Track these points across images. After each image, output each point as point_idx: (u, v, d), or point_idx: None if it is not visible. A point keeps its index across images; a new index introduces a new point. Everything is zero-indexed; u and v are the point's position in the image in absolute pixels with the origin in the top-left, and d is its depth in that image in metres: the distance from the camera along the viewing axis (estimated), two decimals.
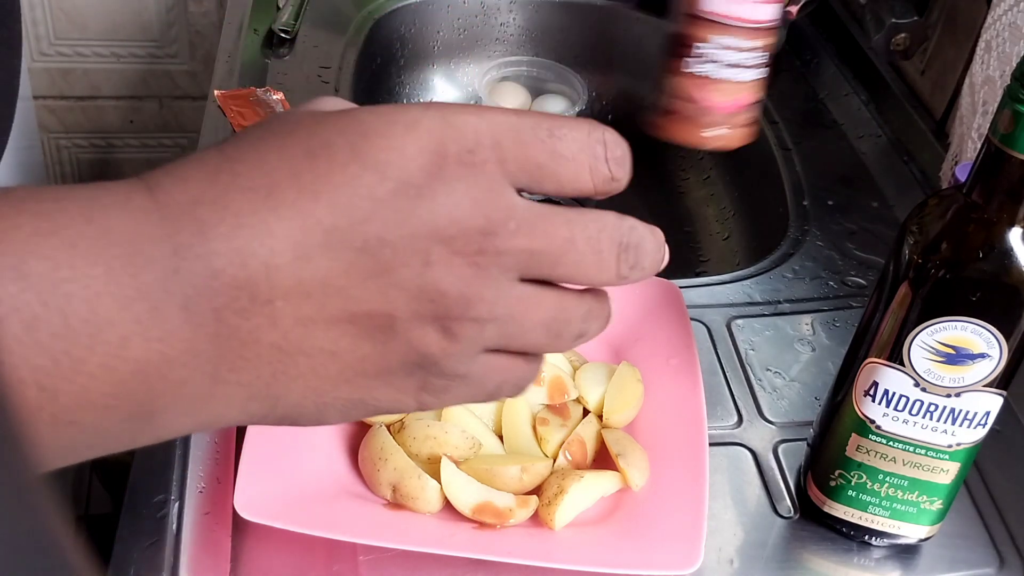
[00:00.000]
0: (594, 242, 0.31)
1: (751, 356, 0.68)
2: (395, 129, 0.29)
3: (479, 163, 0.30)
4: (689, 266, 0.94)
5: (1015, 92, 0.43)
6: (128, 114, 1.42)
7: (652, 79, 1.11)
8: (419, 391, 0.32)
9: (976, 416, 0.50)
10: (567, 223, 0.31)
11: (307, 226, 0.28)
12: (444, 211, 0.29)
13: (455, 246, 0.29)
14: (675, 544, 0.51)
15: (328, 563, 0.52)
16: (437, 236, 0.29)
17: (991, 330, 0.47)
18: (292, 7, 0.99)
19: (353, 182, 0.29)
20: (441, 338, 0.30)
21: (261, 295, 0.28)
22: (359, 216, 0.28)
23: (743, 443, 0.62)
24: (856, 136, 0.94)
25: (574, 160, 0.31)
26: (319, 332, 0.29)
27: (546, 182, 0.31)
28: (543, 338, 0.32)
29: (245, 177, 0.28)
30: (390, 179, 0.29)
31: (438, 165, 0.29)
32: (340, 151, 0.29)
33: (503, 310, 0.31)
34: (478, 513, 0.53)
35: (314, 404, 0.31)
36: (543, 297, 0.32)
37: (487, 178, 0.30)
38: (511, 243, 0.30)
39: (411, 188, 0.29)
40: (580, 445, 0.57)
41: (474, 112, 0.30)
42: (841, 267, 0.78)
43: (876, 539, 0.56)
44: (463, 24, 1.11)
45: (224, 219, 0.28)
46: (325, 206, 0.28)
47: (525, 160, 0.30)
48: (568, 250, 0.31)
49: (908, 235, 0.48)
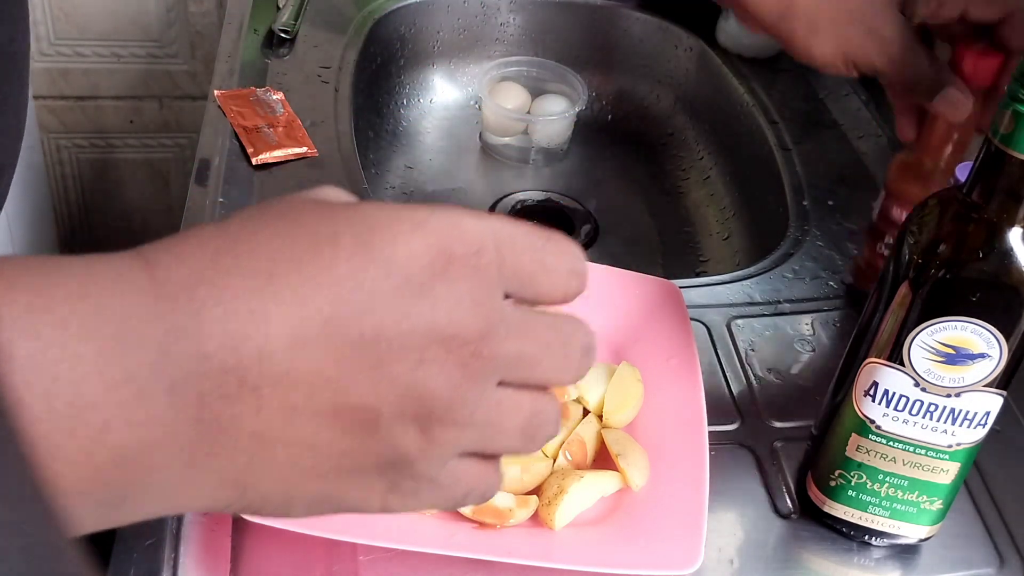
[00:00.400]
0: (567, 347, 0.33)
1: (751, 356, 0.68)
2: (402, 226, 0.29)
3: (484, 266, 0.30)
4: (689, 266, 0.94)
5: (1015, 92, 0.43)
6: (128, 114, 1.42)
7: (651, 79, 1.11)
8: (387, 492, 0.32)
9: (976, 416, 0.50)
10: (547, 328, 0.32)
11: (306, 315, 0.28)
12: (445, 310, 0.29)
13: (451, 346, 0.29)
14: (675, 544, 0.51)
15: (328, 563, 0.52)
16: (435, 335, 0.29)
17: (991, 330, 0.47)
18: (292, 7, 0.99)
19: (357, 275, 0.28)
20: (420, 439, 0.30)
21: (249, 381, 0.28)
22: (359, 308, 0.28)
23: (743, 443, 0.62)
24: (856, 136, 0.94)
25: (556, 272, 0.32)
26: (302, 422, 0.29)
27: (529, 290, 0.32)
28: (517, 442, 0.33)
29: (248, 260, 0.28)
30: (394, 275, 0.29)
31: (443, 265, 0.29)
32: (346, 243, 0.29)
33: (483, 415, 0.31)
34: (478, 513, 0.53)
35: (282, 496, 0.30)
36: (521, 400, 0.32)
37: (488, 282, 0.30)
38: (503, 347, 0.31)
39: (414, 285, 0.29)
40: (580, 445, 0.57)
41: (478, 217, 0.31)
42: (841, 267, 0.78)
43: (876, 539, 0.56)
44: (463, 24, 1.11)
45: (222, 301, 0.27)
46: (327, 296, 0.28)
47: (519, 267, 0.31)
48: (547, 355, 0.32)
49: (908, 235, 0.48)
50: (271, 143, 0.82)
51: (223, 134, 0.83)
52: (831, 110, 0.98)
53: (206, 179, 0.79)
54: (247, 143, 0.82)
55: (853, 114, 0.97)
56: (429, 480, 0.32)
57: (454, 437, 0.31)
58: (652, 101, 1.12)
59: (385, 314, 0.29)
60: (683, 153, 1.07)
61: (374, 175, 0.98)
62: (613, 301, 0.67)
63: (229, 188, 0.78)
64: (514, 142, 1.04)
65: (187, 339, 0.27)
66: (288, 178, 0.80)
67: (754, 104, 0.97)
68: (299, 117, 0.86)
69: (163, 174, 1.49)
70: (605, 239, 0.97)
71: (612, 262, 0.76)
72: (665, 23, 1.09)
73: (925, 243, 0.47)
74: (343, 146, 0.85)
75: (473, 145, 1.07)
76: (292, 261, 0.28)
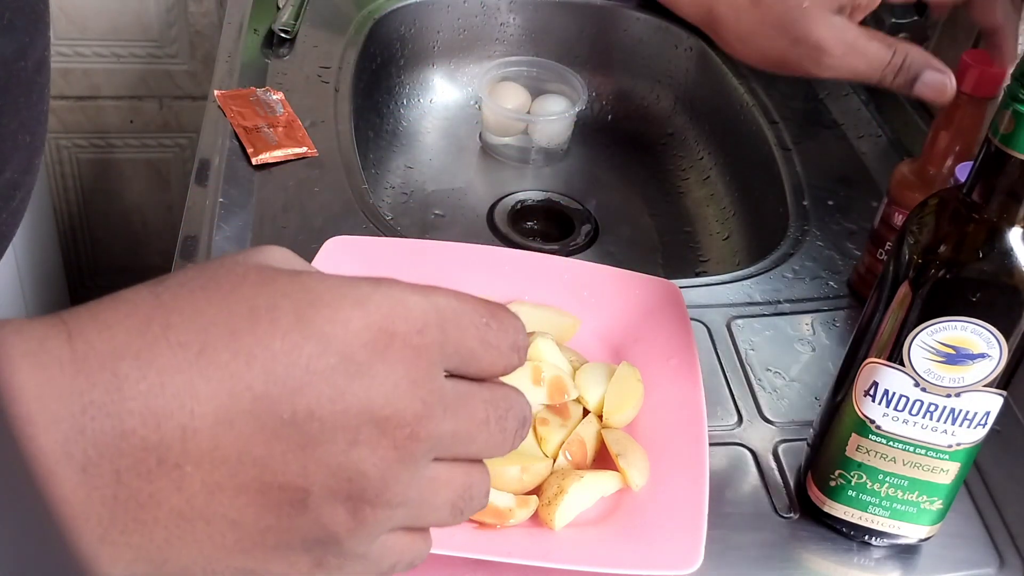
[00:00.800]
0: (502, 421, 0.32)
1: (751, 356, 0.68)
2: (344, 303, 0.29)
3: (426, 345, 0.29)
4: (689, 266, 0.94)
5: (1015, 92, 0.43)
6: (128, 114, 1.42)
7: (651, 79, 1.11)
8: (313, 568, 0.31)
9: (976, 416, 0.50)
10: (484, 404, 0.32)
11: (236, 391, 0.27)
12: (382, 392, 0.28)
13: (386, 428, 0.29)
14: (675, 544, 0.51)
15: None
16: (370, 416, 0.28)
17: (991, 330, 0.47)
18: (292, 7, 0.99)
19: (292, 351, 0.28)
20: (349, 519, 0.29)
21: (171, 459, 0.27)
22: (292, 386, 0.28)
23: (743, 443, 0.62)
24: (856, 136, 0.94)
25: (497, 348, 0.32)
26: (225, 500, 0.28)
27: (471, 366, 0.32)
28: (447, 516, 0.33)
29: (177, 331, 0.27)
30: (332, 353, 0.28)
31: (384, 344, 0.29)
32: (284, 317, 0.28)
33: (415, 493, 0.31)
34: (478, 513, 0.52)
35: (202, 570, 0.29)
36: (453, 475, 0.32)
37: (427, 361, 0.30)
38: (439, 428, 0.30)
39: (352, 364, 0.28)
40: (580, 445, 0.57)
41: (422, 293, 0.30)
42: (841, 267, 0.78)
43: (876, 539, 0.56)
44: (463, 24, 1.11)
45: (146, 376, 0.26)
46: (259, 373, 0.27)
47: (462, 345, 0.31)
48: (482, 431, 0.32)
49: (908, 235, 0.48)
50: (271, 143, 0.82)
51: (223, 134, 0.83)
52: (831, 110, 0.98)
53: (206, 179, 0.79)
54: (247, 143, 0.82)
55: (853, 114, 0.97)
56: (358, 557, 0.31)
57: (384, 517, 0.30)
58: (652, 101, 1.12)
59: (319, 393, 0.28)
60: (683, 153, 1.07)
61: (374, 175, 0.98)
62: (613, 301, 0.67)
63: (229, 188, 0.78)
64: (514, 142, 1.04)
65: (105, 416, 0.26)
66: (288, 178, 0.80)
67: (754, 104, 0.97)
68: (299, 117, 0.86)
69: (163, 174, 1.49)
70: (605, 239, 0.97)
71: (612, 262, 0.76)
72: (665, 23, 1.09)
73: (925, 243, 0.47)
74: (343, 146, 0.85)
75: (473, 145, 1.07)
76: (226, 334, 0.27)
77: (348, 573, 0.32)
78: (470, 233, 0.95)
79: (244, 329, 0.28)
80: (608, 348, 0.66)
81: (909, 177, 0.69)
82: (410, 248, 0.69)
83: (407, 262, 0.67)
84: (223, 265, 0.30)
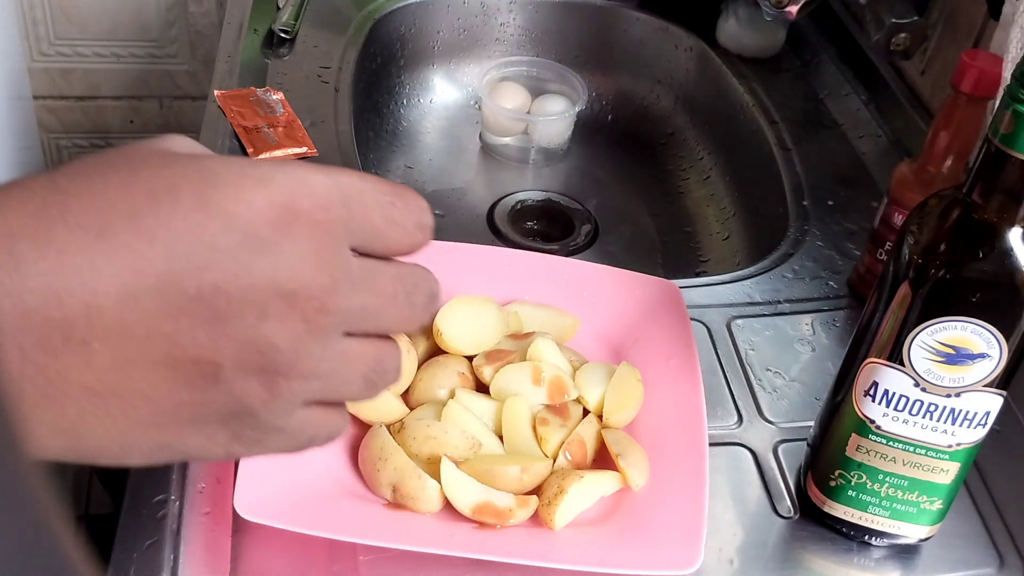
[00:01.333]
0: (411, 296, 0.33)
1: (751, 356, 0.68)
2: (246, 182, 0.29)
3: (331, 222, 0.30)
4: (689, 266, 0.94)
5: (1015, 92, 0.43)
6: (128, 114, 1.42)
7: (651, 79, 1.11)
8: (231, 441, 0.31)
9: (976, 416, 0.50)
10: (391, 280, 0.33)
11: (138, 268, 0.27)
12: (288, 266, 0.29)
13: (294, 301, 0.29)
14: (675, 544, 0.51)
15: (328, 563, 0.52)
16: (278, 290, 0.29)
17: (991, 330, 0.47)
18: (292, 7, 0.99)
19: (195, 229, 0.28)
20: (263, 392, 0.30)
21: (76, 335, 0.27)
22: (197, 263, 0.28)
23: (743, 443, 0.62)
24: (856, 136, 0.94)
25: (402, 226, 0.32)
26: (137, 375, 0.28)
27: (377, 244, 0.32)
28: (361, 389, 0.33)
29: (76, 213, 0.27)
30: (235, 230, 0.28)
31: (289, 220, 0.29)
32: (186, 198, 0.28)
33: (328, 366, 0.31)
34: (478, 513, 0.53)
35: (119, 445, 0.30)
36: (365, 349, 0.33)
37: (333, 237, 0.30)
38: (347, 301, 0.31)
39: (256, 241, 0.29)
40: (580, 445, 0.57)
41: (325, 172, 0.30)
42: (841, 267, 0.78)
43: (876, 539, 0.56)
44: (463, 24, 1.11)
45: (45, 256, 0.26)
46: (162, 251, 0.27)
47: (367, 222, 0.31)
48: (391, 305, 0.33)
49: (908, 235, 0.48)
50: (271, 143, 0.82)
51: (223, 134, 0.83)
52: (831, 110, 0.98)
53: None
54: (247, 143, 0.82)
55: (853, 114, 0.97)
56: (275, 429, 0.32)
57: (299, 389, 0.31)
58: (652, 101, 1.12)
59: (225, 269, 0.28)
60: (683, 153, 1.07)
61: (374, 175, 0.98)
62: (613, 301, 0.67)
63: None
64: (514, 142, 1.04)
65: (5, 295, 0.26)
66: None
67: (754, 104, 0.97)
68: (299, 117, 0.86)
69: None
70: (605, 239, 0.97)
71: (612, 262, 0.76)
72: (665, 23, 1.09)
73: (925, 243, 0.47)
74: (343, 146, 0.85)
75: (473, 145, 1.07)
76: (126, 215, 0.27)
77: (267, 446, 0.32)
78: (470, 233, 0.95)
79: (145, 210, 0.28)
80: (608, 348, 0.66)
81: (909, 177, 0.69)
82: None
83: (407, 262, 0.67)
84: (122, 151, 0.30)
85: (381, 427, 0.55)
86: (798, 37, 1.06)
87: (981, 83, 0.62)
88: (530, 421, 0.58)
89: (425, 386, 0.59)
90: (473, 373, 0.60)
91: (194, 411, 0.30)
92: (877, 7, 0.89)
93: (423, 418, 0.57)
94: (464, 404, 0.58)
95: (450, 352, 0.61)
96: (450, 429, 0.55)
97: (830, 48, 1.04)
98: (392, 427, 0.56)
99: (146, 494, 0.54)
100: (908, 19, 0.87)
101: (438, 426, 0.55)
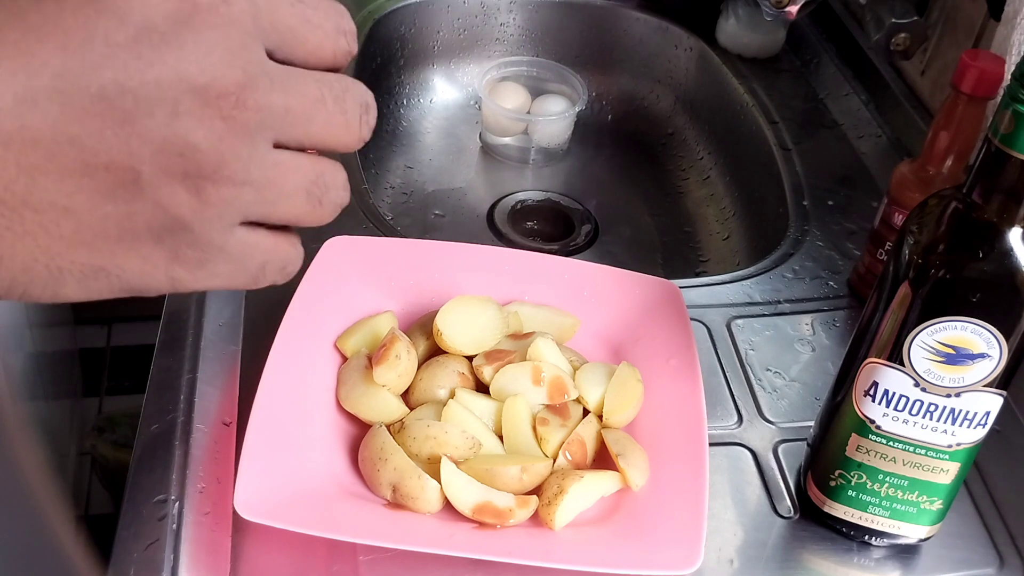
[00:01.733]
0: (341, 102, 0.31)
1: (751, 356, 0.68)
2: None
3: (235, 15, 0.28)
4: (689, 266, 0.94)
5: (1015, 92, 0.43)
6: None
7: (651, 79, 1.11)
8: (171, 263, 0.30)
9: (976, 416, 0.50)
10: (316, 82, 0.31)
11: (31, 68, 0.26)
12: (194, 59, 0.27)
13: (207, 97, 0.28)
14: (675, 544, 0.51)
15: (328, 563, 0.52)
16: (187, 84, 0.27)
17: (991, 330, 0.47)
18: None
19: (86, 25, 0.26)
20: (192, 198, 0.28)
21: None
22: (93, 61, 0.26)
23: (743, 443, 0.62)
24: (856, 136, 0.94)
25: (321, 29, 0.31)
26: (49, 184, 0.27)
27: (296, 46, 0.31)
28: (304, 205, 0.31)
29: None
30: (130, 24, 0.27)
31: (187, 13, 0.28)
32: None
33: (259, 173, 0.29)
34: (478, 513, 0.53)
35: (46, 268, 0.28)
36: (300, 162, 0.31)
37: (241, 31, 0.29)
38: (267, 99, 0.29)
39: (155, 34, 0.27)
40: (580, 445, 0.57)
41: None
42: (841, 267, 0.78)
43: (876, 539, 0.56)
44: (463, 24, 1.11)
45: None
46: (53, 48, 0.26)
47: (278, 20, 0.30)
48: (320, 110, 0.31)
49: (908, 235, 0.48)
50: None
51: None
52: (831, 110, 0.98)
53: None
54: None
55: (853, 114, 0.97)
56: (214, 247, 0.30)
57: (230, 195, 0.29)
58: (652, 101, 1.12)
59: (125, 64, 0.27)
60: (683, 153, 1.07)
61: (374, 175, 0.98)
62: (613, 301, 0.67)
63: None
64: (514, 142, 1.04)
65: None
66: None
67: (754, 104, 0.97)
68: None
69: None
70: (605, 239, 0.97)
71: (612, 262, 0.76)
72: (665, 23, 1.09)
73: (925, 243, 0.47)
74: None
75: (473, 145, 1.07)
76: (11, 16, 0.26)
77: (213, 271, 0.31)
78: (470, 233, 0.95)
79: (29, 9, 0.26)
80: (608, 348, 0.66)
81: (909, 177, 0.69)
82: (410, 248, 0.69)
83: (407, 262, 0.67)
84: None
85: (381, 427, 0.55)
86: (798, 37, 1.06)
87: (981, 83, 0.62)
88: (530, 421, 0.58)
89: (425, 386, 0.59)
90: (473, 373, 0.60)
91: (121, 225, 0.28)
92: (877, 7, 0.89)
93: (423, 418, 0.57)
94: (464, 404, 0.58)
95: (450, 352, 0.61)
96: (450, 429, 0.55)
97: (830, 48, 1.04)
98: (392, 427, 0.56)
99: (146, 494, 0.54)
100: (908, 19, 0.87)
101: (438, 426, 0.55)
